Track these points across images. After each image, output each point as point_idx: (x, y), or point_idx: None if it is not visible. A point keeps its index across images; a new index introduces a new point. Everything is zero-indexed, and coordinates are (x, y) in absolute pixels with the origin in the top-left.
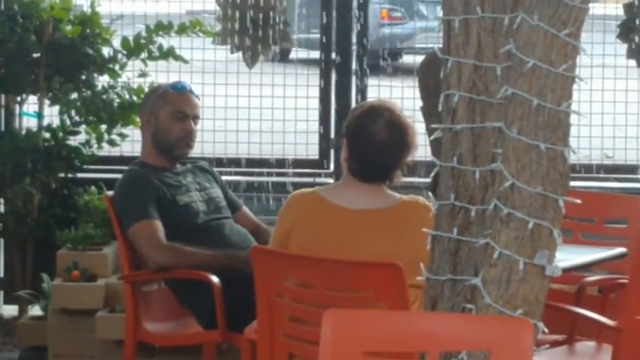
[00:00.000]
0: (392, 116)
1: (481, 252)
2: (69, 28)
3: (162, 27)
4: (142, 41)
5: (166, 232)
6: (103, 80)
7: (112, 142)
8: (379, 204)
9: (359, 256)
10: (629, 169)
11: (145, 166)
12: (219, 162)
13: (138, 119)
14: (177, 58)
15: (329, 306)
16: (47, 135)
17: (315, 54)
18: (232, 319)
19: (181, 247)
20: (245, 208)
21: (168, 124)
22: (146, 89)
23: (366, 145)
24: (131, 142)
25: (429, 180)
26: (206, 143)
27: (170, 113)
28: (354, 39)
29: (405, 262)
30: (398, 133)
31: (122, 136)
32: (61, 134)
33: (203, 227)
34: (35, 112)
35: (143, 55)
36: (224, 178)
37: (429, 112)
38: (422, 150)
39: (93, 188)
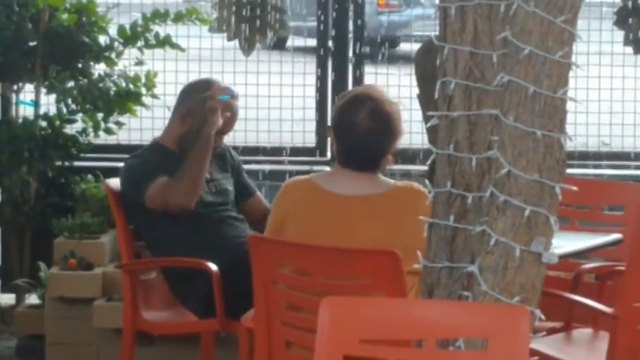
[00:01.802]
0: (374, 105)
1: (478, 239)
2: (65, 16)
3: (159, 15)
4: (139, 29)
5: (166, 218)
6: (99, 68)
7: (108, 131)
8: (372, 190)
9: (354, 242)
10: (626, 156)
11: (162, 149)
12: None
13: (135, 108)
14: (174, 46)
15: (326, 293)
16: (44, 123)
17: (312, 42)
18: (230, 307)
19: (172, 180)
20: (259, 194)
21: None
22: (143, 78)
23: (351, 136)
24: (128, 130)
25: (425, 167)
26: None
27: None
28: (350, 27)
29: (400, 249)
30: (381, 121)
31: (119, 124)
32: (57, 122)
33: (203, 219)
34: (32, 101)
35: (140, 43)
36: None
37: (426, 100)
38: (419, 137)
39: (90, 177)
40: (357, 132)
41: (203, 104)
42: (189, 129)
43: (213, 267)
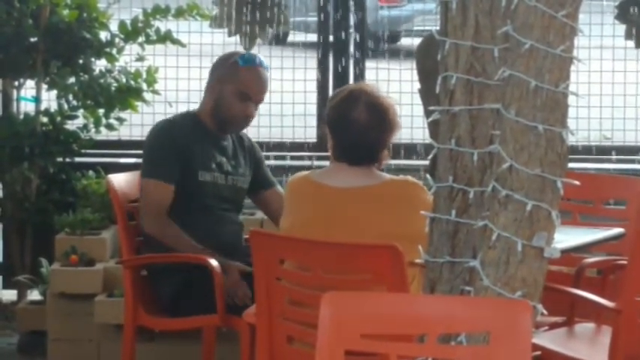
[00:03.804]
0: (370, 98)
1: (479, 234)
2: (66, 12)
3: (160, 10)
4: (140, 25)
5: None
6: (100, 64)
7: (109, 127)
8: (368, 182)
9: (350, 234)
10: (628, 150)
11: (196, 119)
12: None
13: (136, 103)
14: (175, 41)
15: (328, 289)
16: (45, 119)
17: (313, 37)
18: (204, 304)
19: (175, 229)
20: (278, 188)
21: (230, 100)
22: (144, 73)
23: (348, 129)
24: (129, 126)
25: (427, 162)
26: None
27: (235, 91)
28: (351, 21)
29: (397, 240)
30: (378, 114)
31: (120, 120)
32: (58, 118)
33: (205, 210)
34: (33, 97)
35: (140, 38)
36: None
37: (427, 95)
38: (420, 132)
39: (91, 173)
40: (356, 127)
41: (228, 70)
42: (218, 97)
43: (214, 263)
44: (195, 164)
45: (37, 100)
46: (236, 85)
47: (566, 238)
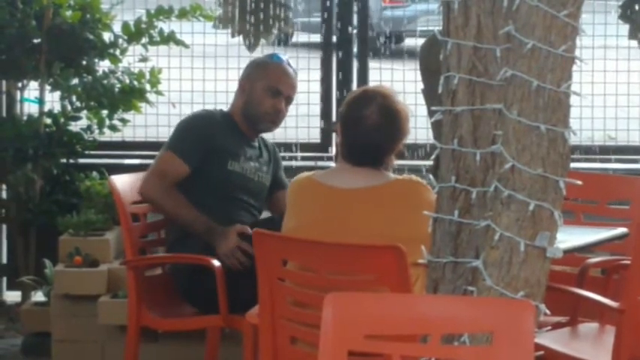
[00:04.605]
0: (384, 101)
1: (482, 234)
2: (69, 13)
3: (163, 11)
4: (143, 26)
5: (197, 179)
6: (103, 65)
7: (113, 128)
8: (372, 182)
9: (353, 234)
10: (632, 150)
11: (229, 118)
12: None
13: (139, 104)
14: (178, 42)
15: (331, 289)
16: (48, 121)
17: (316, 37)
18: (233, 301)
19: (177, 195)
20: None
21: (260, 96)
22: (147, 74)
23: (358, 128)
24: (132, 127)
25: (430, 162)
26: None
27: (265, 87)
28: (355, 22)
29: (401, 240)
30: (389, 118)
31: (123, 121)
32: (62, 120)
33: (231, 201)
34: (36, 98)
35: (144, 39)
36: None
37: (430, 95)
38: (424, 132)
39: (94, 174)
40: (364, 126)
41: (257, 68)
42: (248, 96)
43: (216, 263)
44: (226, 154)
45: (40, 101)
46: (266, 80)
47: (570, 237)
